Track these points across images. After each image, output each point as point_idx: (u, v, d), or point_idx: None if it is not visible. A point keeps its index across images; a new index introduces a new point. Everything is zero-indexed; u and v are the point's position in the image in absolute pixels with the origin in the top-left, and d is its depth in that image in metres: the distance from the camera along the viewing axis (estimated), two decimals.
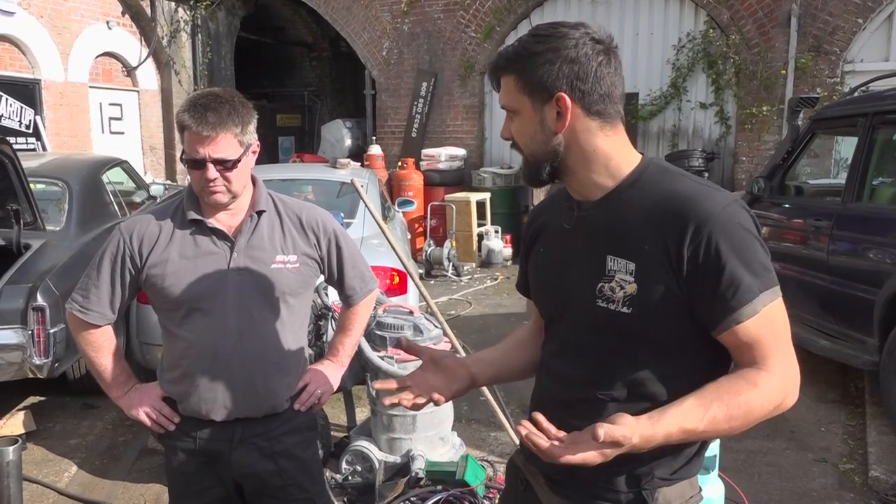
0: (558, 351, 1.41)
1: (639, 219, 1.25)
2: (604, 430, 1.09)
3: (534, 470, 1.45)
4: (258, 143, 1.90)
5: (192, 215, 1.88)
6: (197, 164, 1.79)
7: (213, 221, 1.88)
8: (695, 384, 1.22)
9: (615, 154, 1.30)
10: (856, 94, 5.55)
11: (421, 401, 1.43)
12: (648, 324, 1.25)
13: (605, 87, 1.27)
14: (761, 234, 1.25)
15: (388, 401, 1.51)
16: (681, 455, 1.32)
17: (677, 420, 1.16)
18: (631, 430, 1.12)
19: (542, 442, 1.15)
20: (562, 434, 1.16)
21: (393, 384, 1.46)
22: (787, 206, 5.41)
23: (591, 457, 1.13)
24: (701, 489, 1.40)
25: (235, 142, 1.81)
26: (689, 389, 1.21)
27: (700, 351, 1.27)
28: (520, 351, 1.60)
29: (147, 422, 1.96)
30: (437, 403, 1.47)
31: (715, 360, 1.28)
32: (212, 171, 1.79)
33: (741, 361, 1.23)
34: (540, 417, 1.17)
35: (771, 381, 1.19)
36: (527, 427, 1.16)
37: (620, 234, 1.27)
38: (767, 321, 1.20)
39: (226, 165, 1.80)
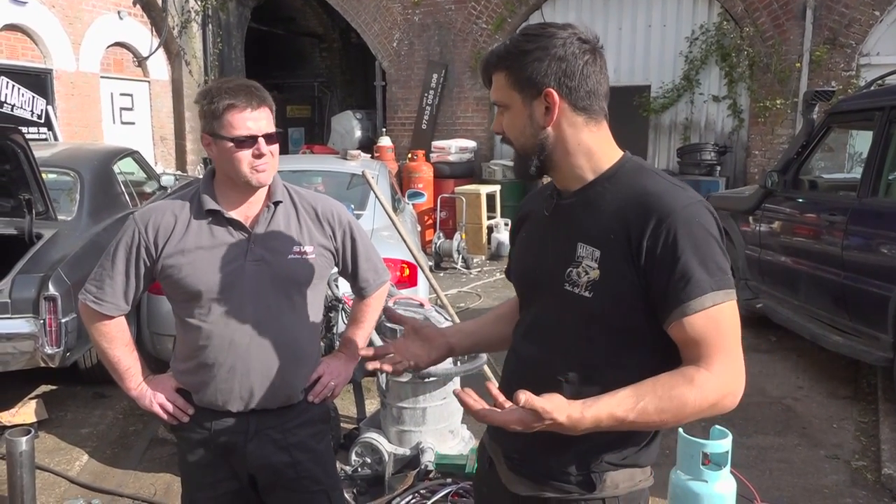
0: (525, 333, 1.48)
1: (609, 210, 1.33)
2: (525, 396, 1.15)
3: (496, 448, 1.53)
4: None
5: (210, 205, 1.87)
6: (248, 142, 1.79)
7: (229, 212, 1.88)
8: (644, 376, 1.27)
9: (598, 149, 1.38)
10: (872, 87, 5.48)
11: (401, 367, 1.57)
12: (607, 309, 1.31)
13: (591, 85, 1.34)
14: (723, 238, 1.31)
15: (370, 366, 1.57)
16: (630, 443, 1.38)
17: (608, 407, 1.21)
18: (554, 407, 1.17)
19: (473, 403, 1.21)
20: (508, 404, 1.21)
21: (371, 351, 1.56)
22: (800, 200, 5.36)
23: (511, 419, 1.19)
24: (652, 474, 1.46)
25: (272, 119, 1.86)
26: (638, 380, 1.26)
27: (654, 345, 1.33)
28: (499, 324, 1.69)
29: (161, 414, 1.95)
30: (417, 368, 1.59)
31: (667, 357, 1.31)
32: (264, 146, 1.81)
33: (687, 358, 1.28)
34: (492, 387, 1.24)
35: (710, 380, 1.23)
36: (466, 391, 1.23)
37: (591, 223, 1.35)
38: (715, 320, 1.25)
39: (272, 139, 1.84)
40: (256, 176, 1.83)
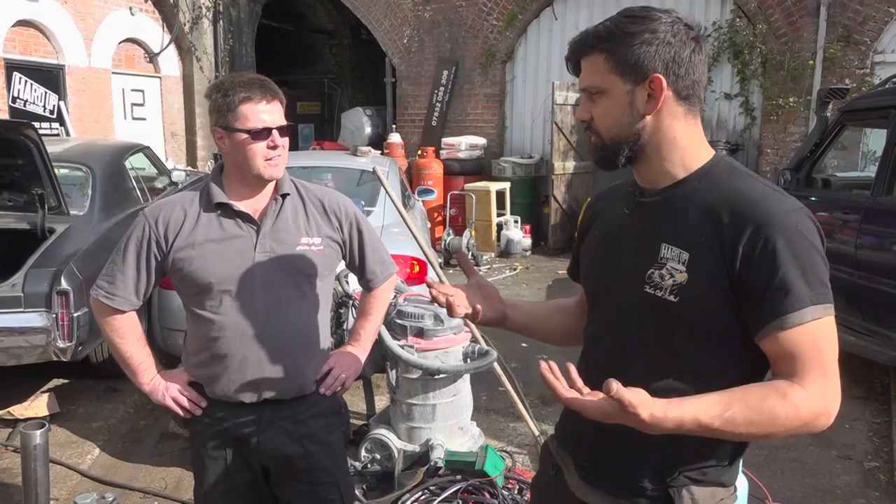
0: (597, 335, 1.41)
1: (700, 212, 1.25)
2: (616, 385, 1.07)
3: (565, 457, 1.47)
4: None
5: (219, 198, 1.88)
6: (263, 134, 1.82)
7: (238, 204, 1.89)
8: (725, 386, 1.19)
9: (691, 145, 1.30)
10: (887, 85, 5.43)
11: (461, 311, 1.48)
12: (692, 314, 1.24)
13: (696, 74, 1.28)
14: (825, 249, 1.22)
15: (436, 288, 1.48)
16: (712, 458, 1.30)
17: (694, 410, 1.13)
18: (639, 401, 1.09)
19: (557, 384, 1.14)
20: (585, 389, 1.15)
21: (446, 288, 1.48)
22: (813, 199, 5.31)
23: (593, 407, 1.12)
24: (736, 489, 1.37)
25: (283, 112, 1.89)
26: (718, 390, 1.19)
27: (742, 354, 1.25)
28: (556, 315, 1.64)
29: (174, 407, 1.96)
30: (473, 318, 1.51)
31: (753, 369, 1.25)
32: (278, 138, 1.84)
33: (779, 372, 1.20)
34: (572, 369, 1.17)
35: (804, 397, 1.16)
36: (552, 365, 1.16)
37: (679, 224, 1.27)
38: (813, 335, 1.17)
39: (285, 132, 1.87)
40: (269, 170, 1.85)
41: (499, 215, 9.50)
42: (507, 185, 9.72)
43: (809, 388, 1.17)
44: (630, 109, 1.27)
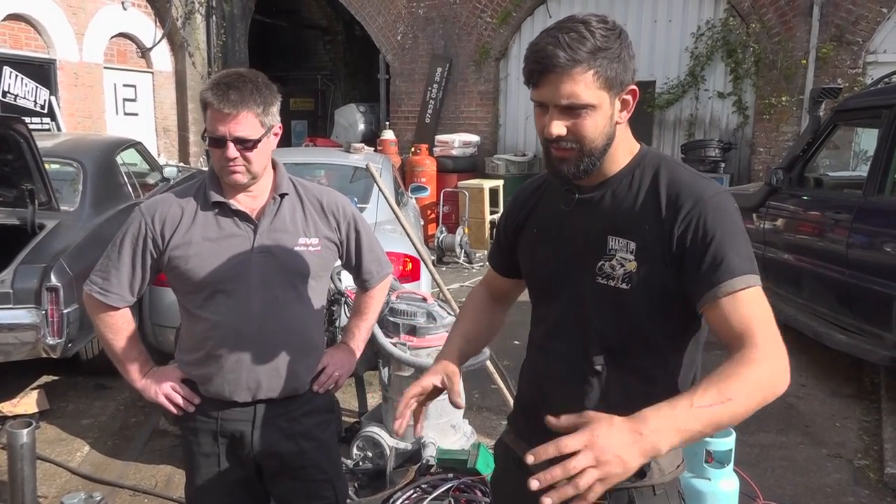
0: (554, 330, 1.46)
1: (639, 202, 1.34)
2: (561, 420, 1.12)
3: (526, 448, 1.49)
4: (280, 125, 1.88)
5: (215, 197, 1.87)
6: (217, 143, 1.78)
7: (235, 203, 1.88)
8: (679, 357, 1.35)
9: (628, 140, 1.39)
10: (879, 85, 5.45)
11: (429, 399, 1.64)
12: (644, 299, 1.32)
13: None
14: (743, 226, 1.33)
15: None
16: None
17: (685, 411, 1.09)
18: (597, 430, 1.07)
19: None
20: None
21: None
22: (805, 198, 5.33)
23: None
24: (683, 460, 1.46)
25: (257, 122, 1.79)
26: (674, 362, 1.35)
27: (686, 327, 1.36)
28: (483, 320, 1.68)
29: (167, 405, 1.95)
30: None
31: (694, 337, 1.38)
32: (231, 150, 1.77)
33: (730, 345, 1.22)
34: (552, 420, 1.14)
35: (763, 352, 1.18)
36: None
37: (622, 216, 1.34)
38: (747, 302, 1.22)
39: (246, 145, 1.78)
40: (227, 176, 1.82)
41: (492, 213, 9.49)
42: (500, 183, 9.71)
43: (761, 345, 1.18)
44: (610, 120, 1.32)
